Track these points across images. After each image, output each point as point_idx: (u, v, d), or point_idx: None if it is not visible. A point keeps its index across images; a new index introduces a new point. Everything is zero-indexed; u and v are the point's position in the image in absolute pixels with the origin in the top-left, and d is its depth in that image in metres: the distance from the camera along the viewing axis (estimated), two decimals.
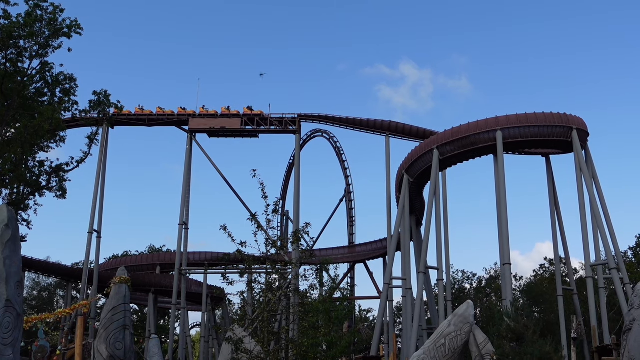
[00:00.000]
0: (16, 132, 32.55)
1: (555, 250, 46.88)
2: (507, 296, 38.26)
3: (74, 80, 34.73)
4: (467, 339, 25.31)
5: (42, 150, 37.08)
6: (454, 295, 59.93)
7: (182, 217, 52.94)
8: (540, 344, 19.53)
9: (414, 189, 49.58)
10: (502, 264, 41.30)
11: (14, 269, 16.79)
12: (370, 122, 53.56)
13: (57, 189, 36.57)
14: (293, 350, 20.49)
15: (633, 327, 20.60)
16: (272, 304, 20.31)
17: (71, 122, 46.65)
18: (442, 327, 26.95)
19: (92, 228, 50.61)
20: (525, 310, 22.03)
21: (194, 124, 54.68)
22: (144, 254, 72.44)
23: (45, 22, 32.26)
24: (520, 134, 42.10)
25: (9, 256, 16.48)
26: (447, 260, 48.59)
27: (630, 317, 21.03)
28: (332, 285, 24.17)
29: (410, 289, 47.85)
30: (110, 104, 36.95)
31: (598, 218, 41.00)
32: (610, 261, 39.73)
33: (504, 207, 40.95)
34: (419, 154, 46.44)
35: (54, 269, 59.03)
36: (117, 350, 19.11)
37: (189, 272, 55.16)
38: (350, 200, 67.79)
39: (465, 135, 43.16)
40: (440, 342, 25.80)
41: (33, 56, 32.67)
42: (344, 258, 64.24)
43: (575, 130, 41.99)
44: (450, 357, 25.38)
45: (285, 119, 54.17)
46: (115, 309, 19.84)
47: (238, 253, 20.34)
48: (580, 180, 41.89)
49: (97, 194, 51.31)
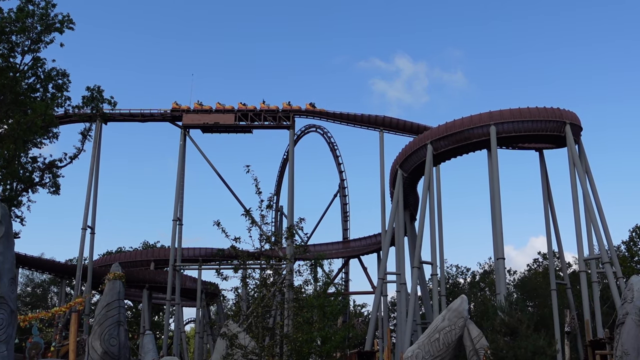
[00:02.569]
0: (9, 128, 32.38)
1: (549, 245, 47.03)
2: (501, 290, 38.38)
3: (67, 76, 34.59)
4: (461, 333, 25.44)
5: (35, 146, 36.96)
6: (448, 290, 60.07)
7: (176, 213, 52.85)
8: (533, 338, 19.59)
9: (408, 184, 49.63)
10: (495, 259, 41.43)
11: (7, 265, 16.73)
12: (364, 118, 53.54)
13: (50, 185, 36.48)
14: (287, 346, 20.51)
15: (626, 321, 20.71)
16: (266, 300, 20.33)
17: (64, 118, 46.48)
18: (436, 321, 27.06)
19: (85, 224, 50.48)
20: (519, 304, 22.06)
21: (188, 119, 54.56)
22: (138, 250, 72.24)
23: (37, 17, 32.10)
24: (513, 129, 42.17)
25: (2, 252, 16.43)
26: (441, 255, 48.69)
27: (623, 311, 21.15)
28: (327, 281, 24.15)
29: (405, 283, 47.92)
30: (104, 100, 36.82)
31: (591, 212, 41.14)
32: (604, 255, 39.87)
33: (498, 202, 41.04)
34: (413, 149, 46.47)
35: (47, 265, 58.86)
36: (112, 346, 19.10)
37: (183, 268, 55.11)
38: (344, 196, 67.82)
39: (459, 130, 43.20)
40: (435, 336, 25.91)
41: (25, 51, 32.52)
42: (338, 253, 64.29)
43: (568, 124, 42.09)
44: (444, 351, 25.49)
45: (278, 114, 54.06)
46: (109, 305, 19.84)
47: (232, 249, 20.33)
48: (574, 175, 42.01)
49: (90, 190, 51.18)
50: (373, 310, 48.37)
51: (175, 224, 52.63)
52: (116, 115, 53.68)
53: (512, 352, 19.29)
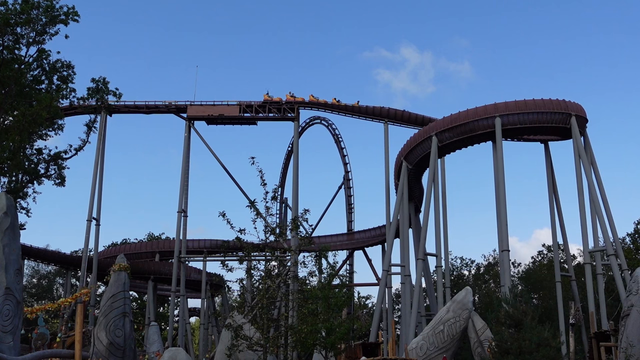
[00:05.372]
0: (14, 120, 32.50)
1: (554, 237, 46.96)
2: (505, 282, 38.38)
3: (72, 68, 34.66)
4: (465, 325, 25.51)
5: (41, 138, 37.07)
6: (452, 281, 60.09)
7: (181, 205, 52.94)
8: (538, 330, 19.61)
9: (413, 176, 49.57)
10: (500, 251, 41.40)
11: (13, 256, 16.82)
12: (368, 109, 53.43)
13: (55, 177, 36.62)
14: (292, 337, 20.60)
15: (631, 313, 20.72)
16: (271, 291, 20.40)
17: (69, 110, 46.50)
18: (440, 313, 27.13)
19: (91, 216, 50.63)
20: (523, 296, 22.10)
21: (192, 111, 54.54)
22: (143, 241, 72.43)
23: (42, 9, 32.12)
24: (519, 121, 42.05)
25: (8, 244, 16.54)
26: (446, 247, 48.71)
27: (629, 303, 21.15)
28: (331, 272, 24.18)
29: (409, 275, 47.97)
30: (109, 92, 36.89)
31: (596, 204, 41.05)
32: (609, 247, 39.82)
33: (503, 194, 40.98)
34: (418, 141, 46.40)
35: (53, 256, 59.09)
36: (117, 338, 19.20)
37: (188, 260, 55.24)
38: (349, 188, 67.75)
39: (464, 122, 43.10)
40: (439, 328, 25.99)
41: (30, 43, 32.58)
42: (343, 245, 64.34)
43: (574, 116, 41.96)
44: (448, 342, 25.56)
45: (283, 105, 54.01)
46: (114, 296, 19.92)
47: (237, 240, 20.40)
48: (579, 167, 41.89)
49: (95, 182, 51.27)
50: (377, 302, 48.43)
51: (180, 215, 52.74)
52: (121, 107, 53.71)
53: (517, 344, 19.31)
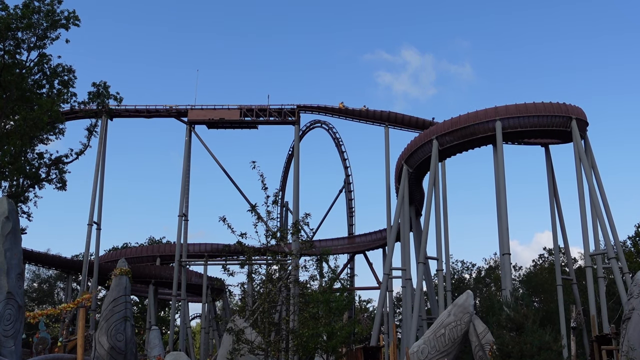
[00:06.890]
0: (15, 124, 32.52)
1: (555, 240, 46.95)
2: (506, 286, 38.36)
3: (73, 72, 34.69)
4: (466, 328, 25.47)
5: (42, 142, 37.07)
6: (453, 285, 60.04)
7: (182, 209, 53.00)
8: (539, 334, 19.60)
9: (414, 180, 49.61)
10: (501, 254, 41.38)
11: (14, 261, 16.82)
12: (369, 113, 53.52)
13: (56, 181, 36.59)
14: (293, 341, 20.57)
15: (632, 316, 20.70)
16: (272, 295, 20.38)
17: (70, 114, 46.61)
18: (442, 317, 27.10)
19: (92, 220, 50.67)
20: (524, 300, 22.08)
21: (193, 115, 54.65)
22: (144, 245, 72.47)
23: (43, 14, 32.18)
24: (519, 124, 42.09)
25: (10, 248, 16.54)
26: (447, 251, 48.71)
27: (630, 306, 21.14)
28: (332, 276, 24.18)
29: (410, 279, 47.96)
30: (110, 96, 36.91)
31: (597, 208, 41.06)
32: (610, 251, 39.80)
33: (504, 198, 41.00)
34: (419, 144, 46.44)
35: (54, 261, 59.15)
36: (118, 342, 19.19)
37: (189, 264, 55.26)
38: (349, 191, 67.80)
39: (464, 126, 43.15)
40: (440, 332, 25.95)
41: (31, 48, 32.62)
42: (344, 249, 64.35)
43: (574, 120, 42.01)
44: (450, 346, 25.52)
45: (284, 110, 54.11)
46: (115, 300, 19.92)
47: (238, 244, 20.39)
48: (580, 170, 41.92)
49: (96, 186, 51.34)
50: (378, 305, 48.40)
51: (180, 219, 52.79)
52: (122, 111, 53.83)
53: (518, 348, 19.30)
